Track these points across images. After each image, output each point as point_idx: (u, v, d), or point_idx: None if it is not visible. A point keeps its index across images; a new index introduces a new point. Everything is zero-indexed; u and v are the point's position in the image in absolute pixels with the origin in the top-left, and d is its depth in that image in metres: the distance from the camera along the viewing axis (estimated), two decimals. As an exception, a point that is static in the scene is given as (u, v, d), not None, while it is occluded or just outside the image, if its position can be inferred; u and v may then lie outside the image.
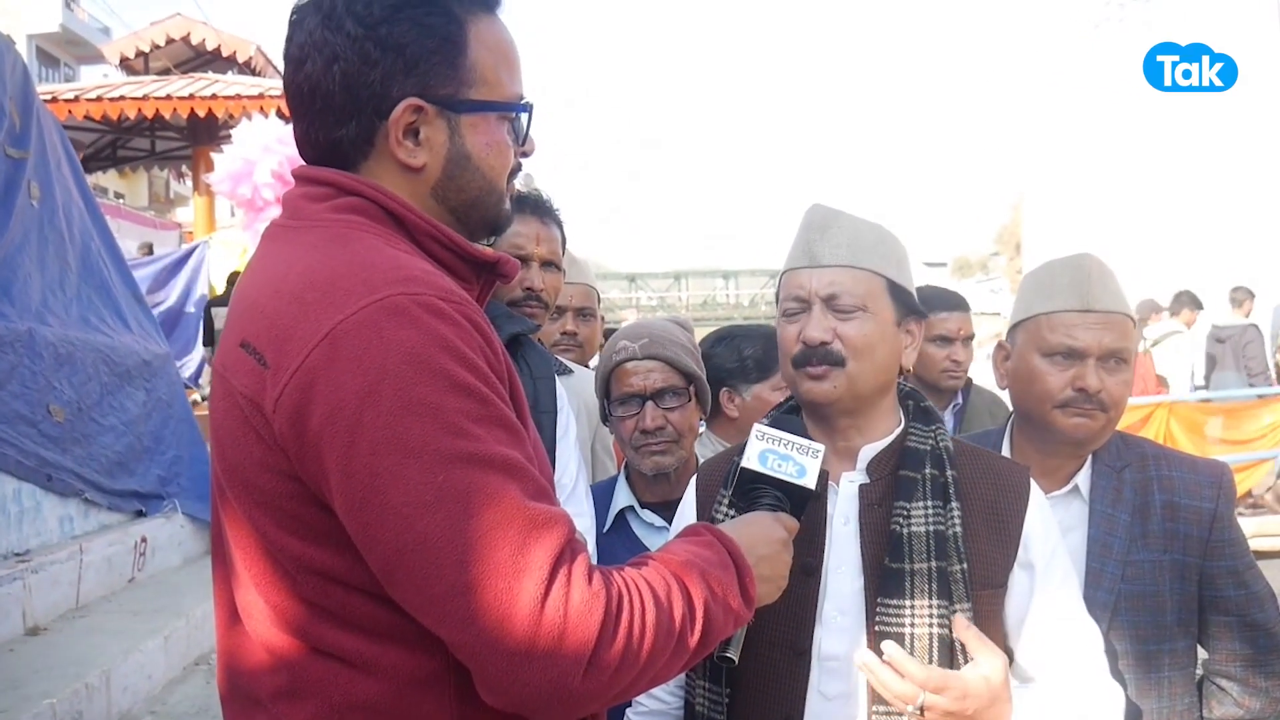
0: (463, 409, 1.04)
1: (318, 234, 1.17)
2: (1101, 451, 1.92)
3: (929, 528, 1.52)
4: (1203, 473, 1.89)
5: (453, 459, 1.01)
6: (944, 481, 1.56)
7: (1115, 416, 1.87)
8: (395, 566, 1.02)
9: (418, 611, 1.04)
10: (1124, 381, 1.87)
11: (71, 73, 32.03)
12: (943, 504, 1.54)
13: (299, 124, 1.24)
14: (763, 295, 31.93)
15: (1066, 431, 1.86)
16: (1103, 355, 1.83)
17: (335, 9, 1.17)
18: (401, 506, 1.00)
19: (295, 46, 1.21)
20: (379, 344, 1.03)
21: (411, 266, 1.12)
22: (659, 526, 2.19)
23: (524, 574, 1.00)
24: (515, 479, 1.05)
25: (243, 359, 1.11)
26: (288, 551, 1.12)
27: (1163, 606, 1.81)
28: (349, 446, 1.02)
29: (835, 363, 1.57)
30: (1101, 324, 1.83)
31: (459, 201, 1.26)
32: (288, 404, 1.05)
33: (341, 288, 1.07)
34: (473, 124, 1.23)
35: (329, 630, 1.11)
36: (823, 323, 1.58)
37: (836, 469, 1.63)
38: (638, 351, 2.19)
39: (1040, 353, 1.88)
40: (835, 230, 1.61)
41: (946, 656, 1.47)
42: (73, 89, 12.15)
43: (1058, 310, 1.86)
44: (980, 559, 1.53)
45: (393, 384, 1.02)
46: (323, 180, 1.21)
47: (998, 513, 1.58)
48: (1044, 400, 1.87)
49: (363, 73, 1.17)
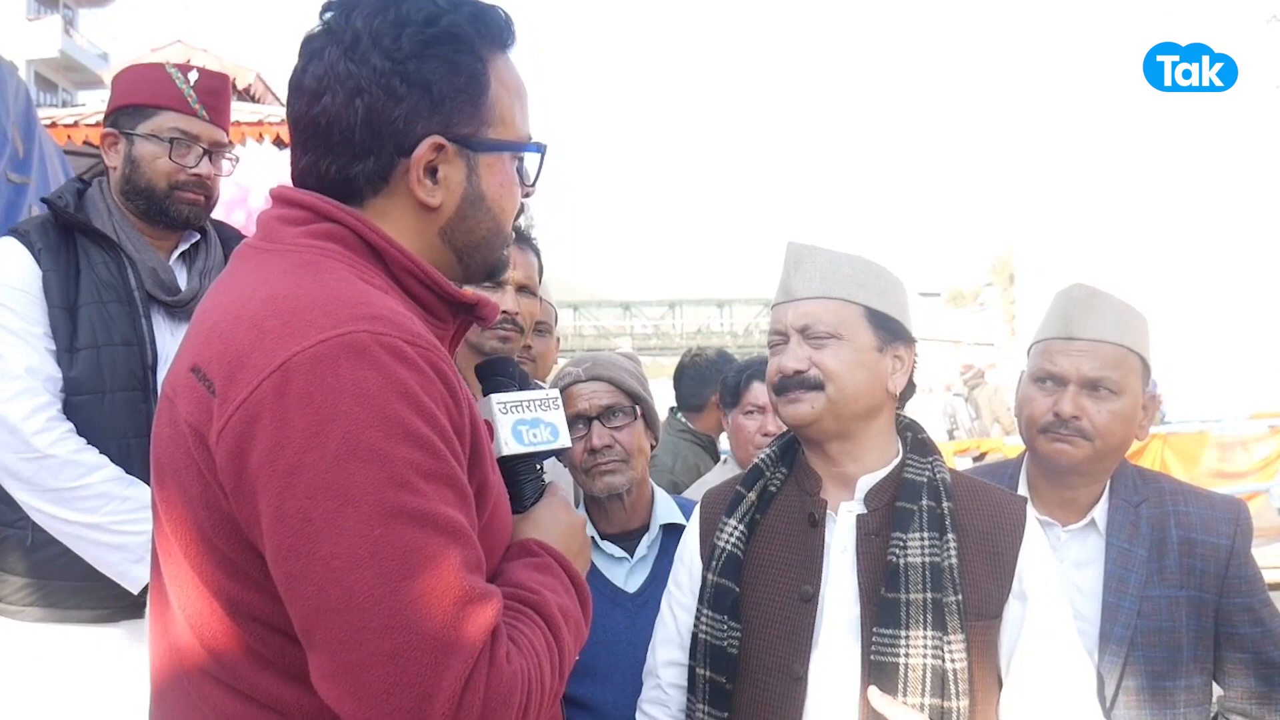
0: (412, 461, 0.97)
1: (289, 259, 1.11)
2: (1118, 485, 1.92)
3: (925, 559, 1.55)
4: (1220, 509, 1.89)
5: (394, 513, 0.95)
6: (940, 513, 1.59)
7: (1103, 447, 1.86)
8: (314, 625, 0.95)
9: (326, 680, 0.95)
10: (1112, 412, 1.85)
11: (70, 98, 32.17)
12: (939, 535, 1.57)
13: (305, 155, 1.17)
14: (757, 324, 32.03)
15: (1048, 457, 1.89)
16: (1083, 382, 1.85)
17: (360, 42, 1.13)
18: (331, 559, 0.93)
19: (312, 79, 1.15)
20: (333, 381, 0.97)
21: (380, 304, 1.05)
22: (619, 557, 2.17)
23: (453, 651, 0.94)
24: (457, 544, 0.98)
25: (192, 385, 1.05)
26: (225, 594, 1.04)
27: (1178, 643, 1.80)
28: (285, 488, 0.95)
29: (813, 388, 1.63)
30: (1083, 351, 1.86)
31: (465, 242, 1.22)
32: (230, 436, 0.99)
33: (303, 318, 1.01)
34: (489, 164, 1.20)
35: (264, 678, 1.05)
36: (798, 353, 1.65)
37: (835, 498, 1.68)
38: (582, 374, 2.21)
39: (1031, 379, 1.95)
40: (808, 265, 1.69)
41: (939, 687, 1.50)
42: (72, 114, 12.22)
43: (1046, 338, 1.93)
44: (975, 590, 1.56)
45: (341, 426, 0.95)
46: (301, 204, 1.15)
47: (993, 545, 1.60)
48: (1030, 425, 1.93)
49: (388, 108, 1.12)
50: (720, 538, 1.69)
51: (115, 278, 2.14)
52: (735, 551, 1.68)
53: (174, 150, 2.20)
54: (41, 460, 2.00)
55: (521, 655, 1.02)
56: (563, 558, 1.22)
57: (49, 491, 2.02)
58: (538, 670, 1.04)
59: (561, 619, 1.13)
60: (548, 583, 1.16)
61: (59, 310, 2.07)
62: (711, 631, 1.65)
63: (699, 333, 35.02)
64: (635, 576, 2.15)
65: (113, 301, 2.11)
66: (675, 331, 35.54)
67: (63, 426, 2.04)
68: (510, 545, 1.21)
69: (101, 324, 2.09)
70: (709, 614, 1.66)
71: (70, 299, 2.09)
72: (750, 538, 1.70)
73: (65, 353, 2.07)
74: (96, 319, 2.09)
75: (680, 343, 35.71)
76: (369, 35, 1.13)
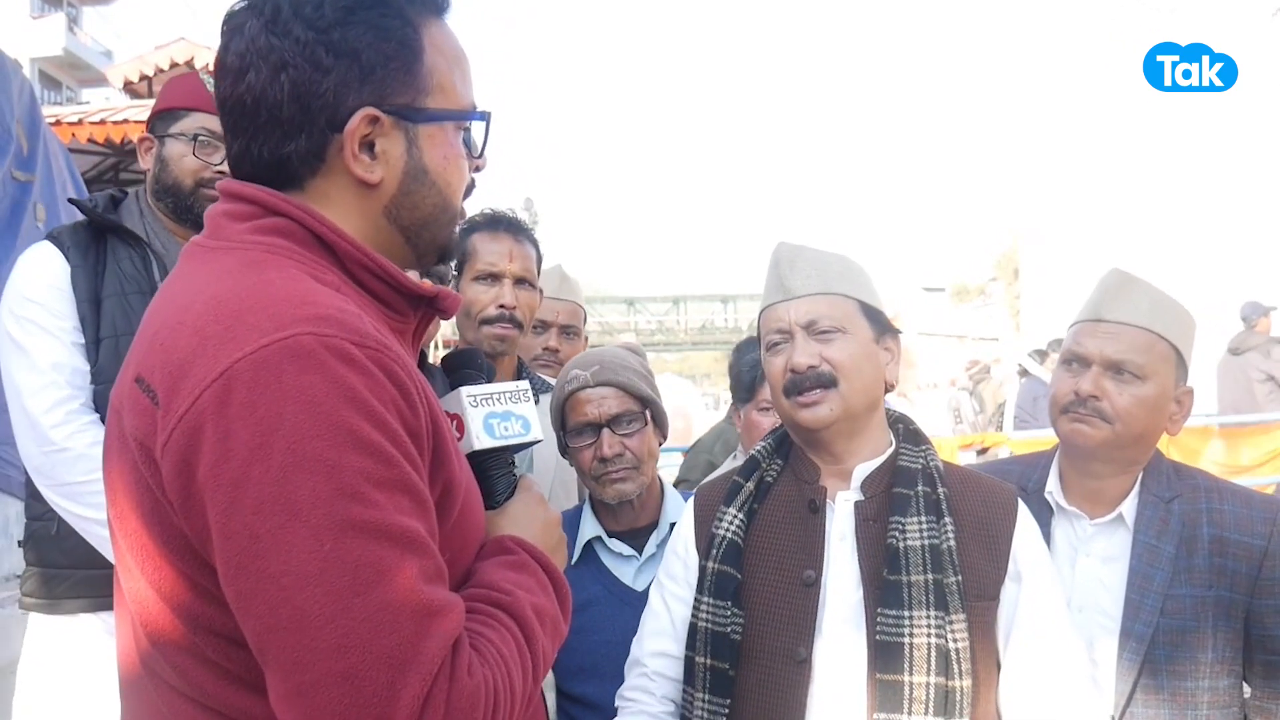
0: (363, 470, 0.93)
1: (234, 258, 1.06)
2: (1150, 481, 1.90)
3: (924, 541, 1.59)
4: (1258, 508, 1.84)
5: (345, 526, 0.90)
6: (936, 498, 1.64)
7: (1123, 431, 1.84)
8: (266, 644, 0.91)
9: (282, 701, 0.91)
10: (1135, 396, 1.84)
11: (74, 96, 32.21)
12: (936, 519, 1.62)
13: (237, 140, 1.12)
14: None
15: (1067, 437, 1.89)
16: (1107, 364, 1.85)
17: (280, 12, 1.07)
18: (281, 576, 0.89)
19: (234, 55, 1.09)
20: (276, 389, 0.92)
21: (327, 303, 1.00)
22: (627, 555, 2.16)
23: (409, 669, 0.90)
24: (413, 555, 0.94)
25: (136, 396, 1.00)
26: (185, 609, 1.00)
27: (1202, 644, 1.77)
28: (231, 503, 0.91)
29: (827, 385, 1.66)
30: (1109, 334, 1.86)
31: (411, 220, 1.16)
32: (175, 450, 0.94)
33: (245, 321, 0.96)
34: (430, 135, 1.14)
35: (230, 692, 1.01)
36: (807, 349, 1.67)
37: (831, 487, 1.71)
38: (590, 379, 2.15)
39: (1060, 362, 1.95)
40: (802, 263, 1.73)
41: (944, 665, 1.53)
42: (76, 111, 12.20)
43: (1080, 320, 1.93)
44: (973, 571, 1.60)
45: (286, 436, 0.91)
46: (247, 197, 1.10)
47: (988, 528, 1.65)
48: (1054, 406, 1.93)
49: (314, 81, 1.06)
50: (720, 526, 1.72)
51: (139, 271, 2.19)
52: (736, 539, 1.70)
53: (199, 148, 2.24)
54: (57, 453, 2.02)
55: (486, 665, 0.99)
56: (540, 554, 1.18)
57: (62, 485, 2.04)
58: (505, 678, 1.00)
59: (536, 619, 1.10)
60: (523, 581, 1.13)
61: (85, 304, 2.12)
62: (713, 619, 1.66)
63: (703, 328, 35.03)
64: (644, 575, 2.14)
65: (134, 293, 2.15)
66: (679, 327, 35.54)
67: (83, 419, 2.06)
68: (485, 543, 1.18)
69: (122, 314, 2.13)
70: (710, 601, 1.67)
71: (95, 292, 2.14)
72: (749, 527, 1.72)
73: (91, 345, 2.12)
74: (117, 310, 2.13)
75: (684, 338, 35.72)
76: (289, 5, 1.07)
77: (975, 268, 34.74)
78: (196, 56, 15.39)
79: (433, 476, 1.04)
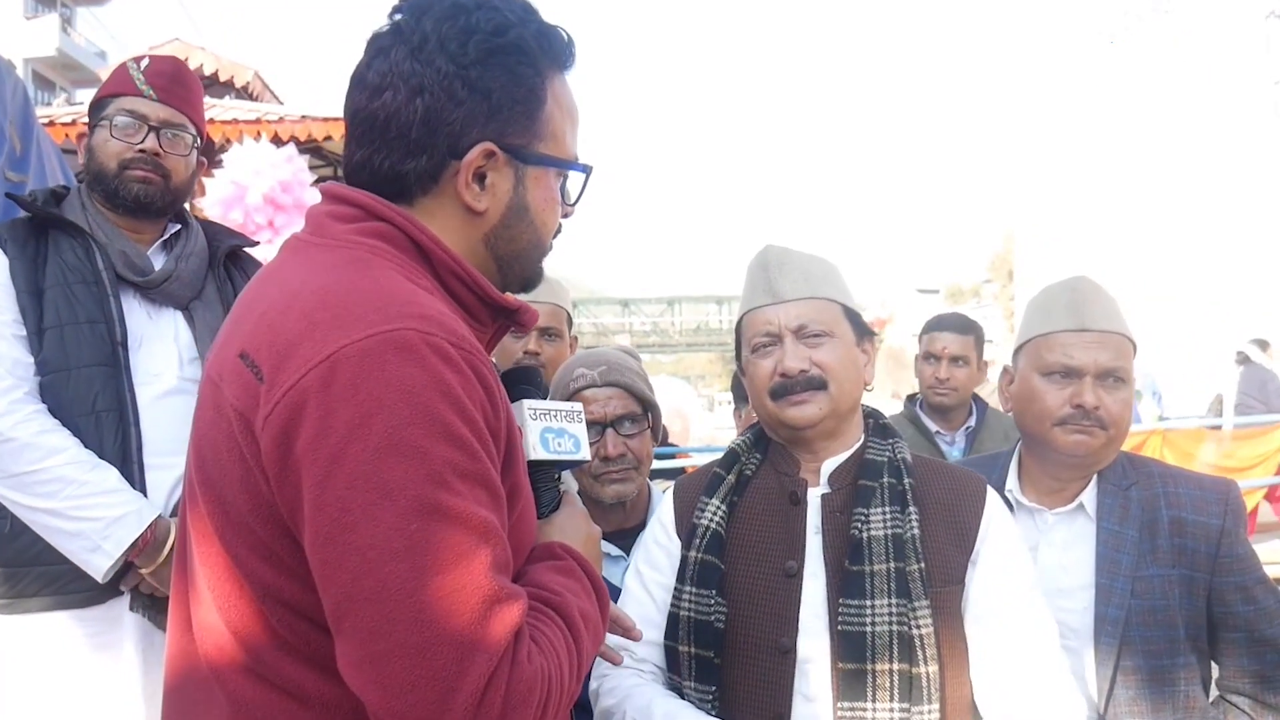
0: (450, 460, 0.99)
1: (340, 254, 1.14)
2: (1108, 471, 1.94)
3: (887, 531, 1.63)
4: (1209, 489, 1.90)
5: (430, 510, 0.97)
6: (901, 489, 1.67)
7: (1116, 435, 1.90)
8: (345, 612, 0.97)
9: (353, 667, 0.97)
10: (1122, 400, 1.89)
11: (68, 97, 32.13)
12: (901, 509, 1.65)
13: (360, 150, 1.20)
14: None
15: (1066, 449, 1.90)
16: (1099, 373, 1.88)
17: (427, 43, 1.16)
18: (367, 549, 0.95)
19: (375, 74, 1.18)
20: (379, 376, 0.99)
21: (428, 304, 1.08)
22: (616, 556, 2.18)
23: (478, 649, 0.95)
24: (488, 545, 1.00)
25: (239, 370, 1.07)
26: (257, 577, 1.07)
27: (1174, 621, 1.82)
28: (326, 476, 0.97)
29: (817, 387, 1.69)
30: (1097, 343, 1.88)
31: (507, 251, 1.24)
32: (276, 422, 1.01)
33: (354, 312, 1.03)
34: (536, 177, 1.23)
35: (286, 663, 1.07)
36: (797, 352, 1.70)
37: (809, 481, 1.75)
38: (597, 379, 2.17)
39: (1040, 373, 1.93)
40: (790, 267, 1.76)
41: (906, 652, 1.55)
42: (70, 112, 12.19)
43: (1055, 331, 1.93)
44: (938, 557, 1.63)
45: (384, 420, 0.97)
46: (352, 201, 1.18)
47: (955, 514, 1.68)
48: (1044, 419, 1.92)
49: (446, 109, 1.15)
50: (702, 517, 1.74)
51: (82, 261, 2.18)
52: (718, 529, 1.73)
53: (118, 130, 2.24)
54: (2, 444, 2.01)
55: (543, 655, 1.04)
56: (586, 563, 1.26)
57: (9, 477, 2.02)
58: (558, 670, 1.06)
59: (582, 622, 1.15)
60: (570, 585, 1.19)
61: (25, 295, 2.12)
62: (696, 608, 1.69)
63: (698, 329, 35.07)
64: None
65: (78, 283, 2.15)
66: (674, 328, 35.58)
67: (28, 409, 2.05)
68: (535, 547, 1.25)
69: (66, 304, 2.13)
70: (693, 590, 1.70)
71: (36, 284, 2.14)
72: (729, 518, 1.74)
73: (34, 335, 2.11)
74: (61, 300, 2.13)
75: (678, 340, 35.76)
76: (437, 38, 1.16)
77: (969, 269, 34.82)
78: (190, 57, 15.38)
79: (503, 476, 1.10)
